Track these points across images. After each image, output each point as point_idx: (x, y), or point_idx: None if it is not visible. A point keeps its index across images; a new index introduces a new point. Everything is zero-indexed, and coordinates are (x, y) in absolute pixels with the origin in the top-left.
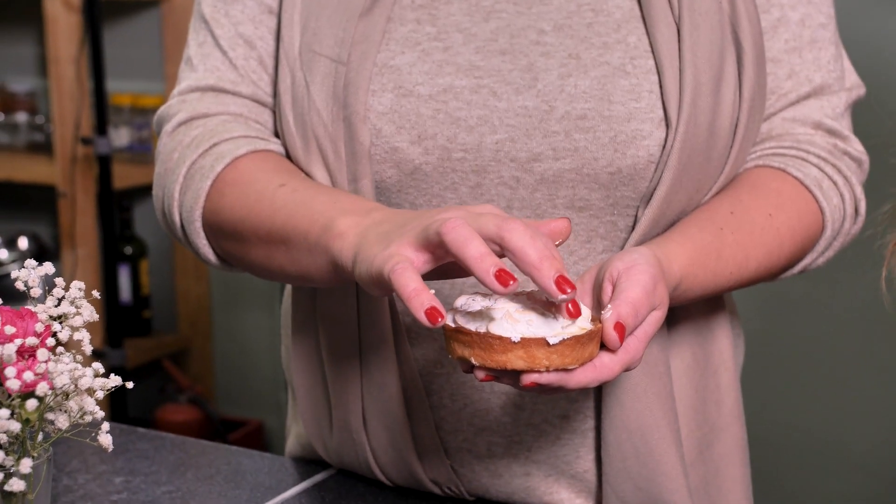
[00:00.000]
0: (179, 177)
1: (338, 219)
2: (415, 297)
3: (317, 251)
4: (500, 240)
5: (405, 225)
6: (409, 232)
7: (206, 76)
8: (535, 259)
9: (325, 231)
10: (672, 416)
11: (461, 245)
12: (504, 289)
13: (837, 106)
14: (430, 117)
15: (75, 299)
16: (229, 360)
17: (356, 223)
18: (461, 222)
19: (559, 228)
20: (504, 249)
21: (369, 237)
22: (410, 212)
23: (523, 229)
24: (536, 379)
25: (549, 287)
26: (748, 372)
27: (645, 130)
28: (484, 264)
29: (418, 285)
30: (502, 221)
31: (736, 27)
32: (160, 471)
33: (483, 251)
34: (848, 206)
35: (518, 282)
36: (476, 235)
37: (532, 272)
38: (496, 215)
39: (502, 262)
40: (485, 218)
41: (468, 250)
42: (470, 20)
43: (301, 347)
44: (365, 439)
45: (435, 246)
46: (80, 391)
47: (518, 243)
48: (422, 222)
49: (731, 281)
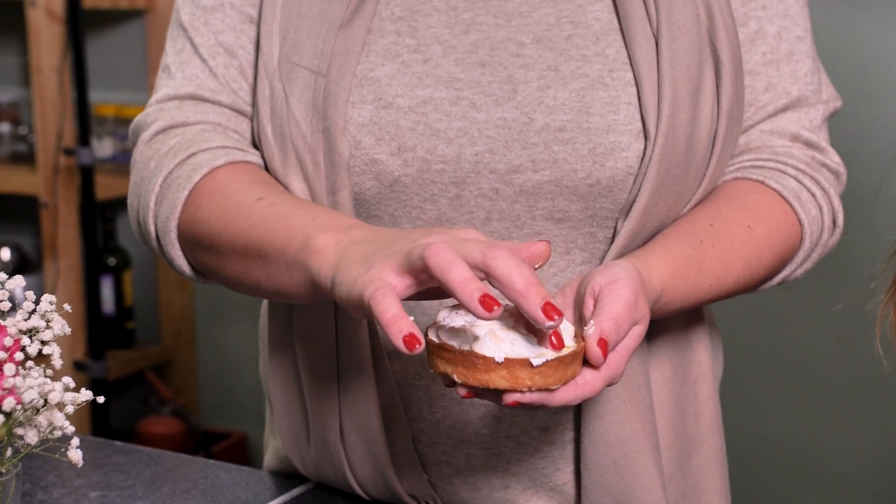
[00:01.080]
0: (156, 186)
1: (316, 235)
2: (393, 323)
3: (294, 267)
4: (486, 267)
5: (387, 247)
6: (392, 256)
7: (185, 84)
8: (521, 287)
9: (303, 247)
10: (651, 428)
11: (445, 269)
12: (489, 314)
13: (815, 118)
14: (409, 129)
15: (46, 313)
16: (213, 372)
17: (335, 240)
18: (445, 246)
19: (539, 252)
20: (490, 277)
21: (349, 257)
22: (390, 231)
23: (508, 256)
24: (519, 399)
25: (537, 314)
26: (727, 385)
27: (623, 142)
28: (468, 289)
29: (397, 312)
30: (487, 248)
31: (714, 40)
32: (136, 485)
33: (467, 276)
34: (826, 218)
35: (502, 307)
36: (460, 260)
37: (519, 299)
38: (480, 241)
39: (486, 286)
40: (469, 244)
41: (452, 275)
42: (450, 32)
43: (278, 363)
44: (342, 453)
45: (418, 270)
46: (50, 406)
47: (504, 271)
48: (404, 245)
49: (710, 293)
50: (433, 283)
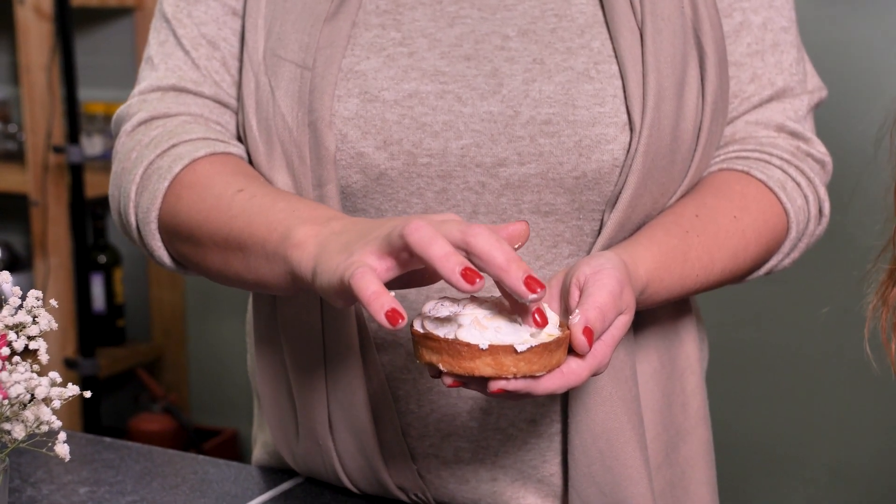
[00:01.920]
0: (136, 177)
1: (296, 228)
2: (374, 299)
3: (275, 260)
4: (466, 245)
5: (366, 234)
6: (372, 241)
7: (168, 75)
8: (502, 261)
9: (284, 240)
10: (637, 420)
11: (426, 245)
12: (471, 287)
13: (800, 108)
14: (395, 122)
15: (32, 308)
16: (203, 369)
17: (315, 232)
18: (424, 223)
19: (518, 232)
20: (470, 254)
21: (329, 247)
22: (370, 220)
23: (488, 233)
24: (504, 386)
25: (519, 288)
26: (715, 379)
27: (609, 135)
28: (449, 263)
29: (378, 288)
30: (466, 227)
31: (698, 32)
32: (125, 480)
33: (448, 250)
34: (812, 208)
35: (484, 279)
36: (440, 235)
37: (500, 274)
38: (458, 221)
39: (467, 260)
40: (448, 224)
41: (433, 249)
42: (435, 26)
43: (265, 356)
44: (332, 446)
45: (399, 250)
46: (36, 401)
47: (484, 247)
48: (384, 230)
49: (697, 283)
50: (414, 264)
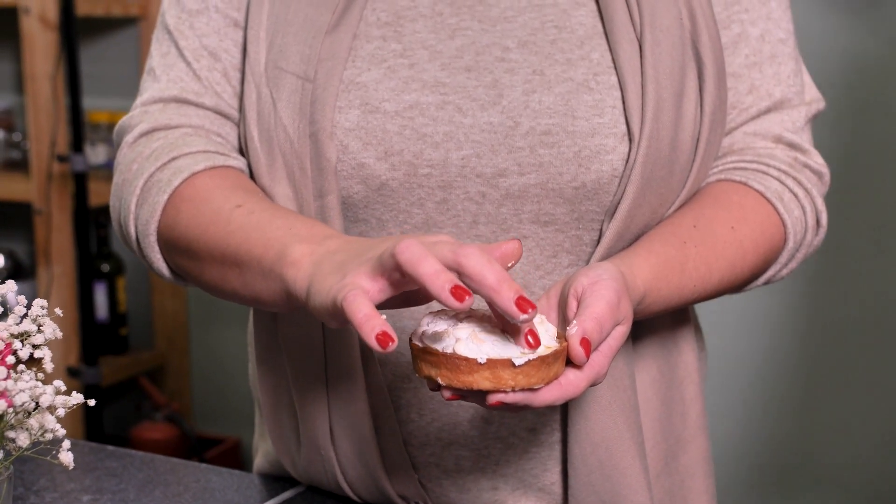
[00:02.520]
0: (136, 189)
1: (292, 246)
2: (365, 322)
3: (271, 277)
4: (457, 265)
5: (360, 255)
6: (365, 262)
7: (170, 87)
8: (493, 282)
9: (279, 259)
10: (636, 429)
11: (415, 263)
12: (460, 304)
13: (798, 120)
14: (396, 133)
15: (37, 317)
16: (206, 378)
17: (311, 251)
18: (414, 242)
19: (510, 251)
20: (462, 275)
21: (323, 268)
22: (365, 240)
23: (479, 254)
24: (502, 399)
25: (510, 309)
26: (713, 388)
27: (608, 145)
28: (439, 280)
29: (369, 311)
30: (458, 248)
31: (697, 43)
32: (128, 489)
33: (437, 268)
34: (809, 218)
35: (473, 297)
36: (430, 254)
37: (491, 295)
38: (451, 242)
39: (457, 278)
40: (439, 245)
41: (422, 268)
42: (435, 37)
43: (266, 366)
44: (333, 455)
45: (390, 270)
46: (41, 409)
47: (475, 267)
48: (376, 252)
49: (694, 294)
50: (407, 285)
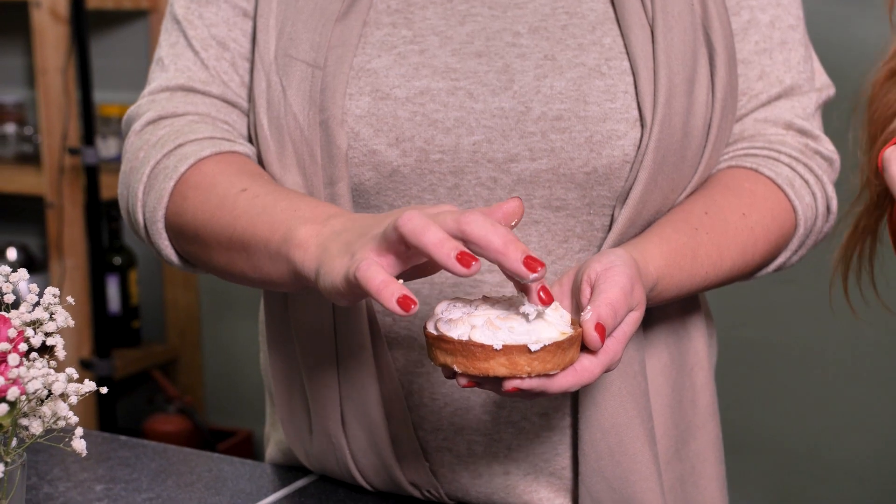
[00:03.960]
0: (143, 176)
1: (297, 228)
2: (384, 288)
3: (278, 260)
4: (461, 233)
5: (365, 233)
6: (370, 239)
7: (177, 76)
8: (499, 245)
9: (285, 241)
10: (646, 415)
11: (419, 233)
12: (467, 270)
13: (808, 106)
14: (407, 120)
15: (49, 305)
16: (218, 370)
17: (316, 232)
18: (416, 213)
19: (512, 209)
20: (467, 242)
21: (331, 249)
22: (369, 216)
23: (483, 219)
24: (518, 385)
25: (519, 268)
26: (725, 376)
27: (620, 131)
28: (444, 248)
29: (385, 277)
30: (460, 215)
31: (708, 29)
32: (141, 478)
33: (441, 236)
34: (820, 205)
35: (480, 262)
36: (433, 223)
37: (499, 258)
38: (453, 210)
39: (462, 245)
40: (443, 215)
41: (426, 237)
42: (445, 23)
43: (277, 355)
44: (345, 443)
45: (396, 243)
46: (54, 397)
47: (480, 232)
48: (380, 227)
49: (706, 281)
50: (414, 258)
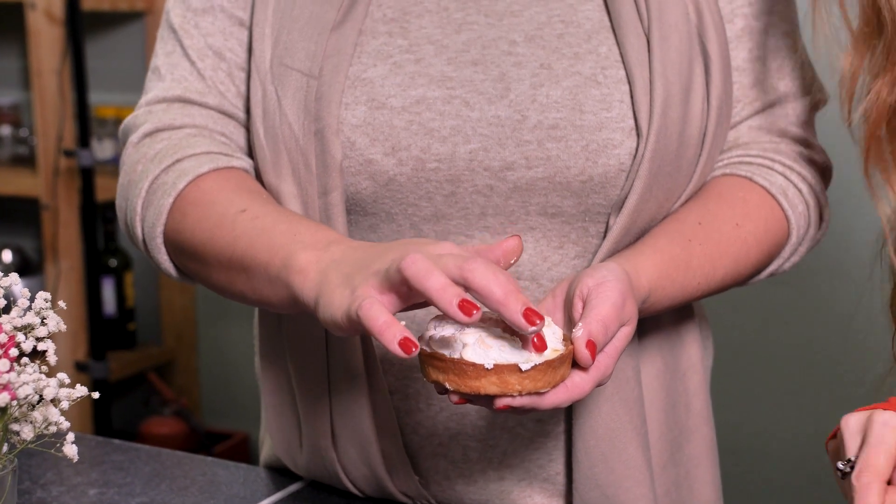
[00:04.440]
0: (142, 191)
1: (297, 254)
2: (386, 329)
3: (277, 284)
4: (464, 280)
5: (366, 266)
6: (372, 276)
7: (174, 86)
8: (500, 296)
9: (285, 266)
10: (640, 421)
11: (422, 278)
12: (468, 318)
13: (802, 113)
14: (403, 129)
15: (41, 310)
16: (214, 373)
17: (316, 258)
18: (420, 256)
19: (511, 248)
20: (469, 289)
21: (331, 278)
22: (369, 247)
23: (485, 268)
24: (509, 403)
25: (519, 321)
26: (719, 379)
27: (616, 139)
28: (447, 295)
29: (388, 318)
30: (463, 262)
31: (703, 38)
32: (135, 482)
33: (444, 282)
34: (813, 213)
35: (481, 310)
36: (436, 268)
37: (499, 308)
38: (456, 256)
39: (464, 291)
40: (445, 259)
41: (429, 282)
42: (441, 32)
43: (270, 367)
44: (335, 457)
45: (398, 284)
46: (45, 402)
47: (482, 282)
48: (382, 264)
49: (699, 291)
50: (415, 298)
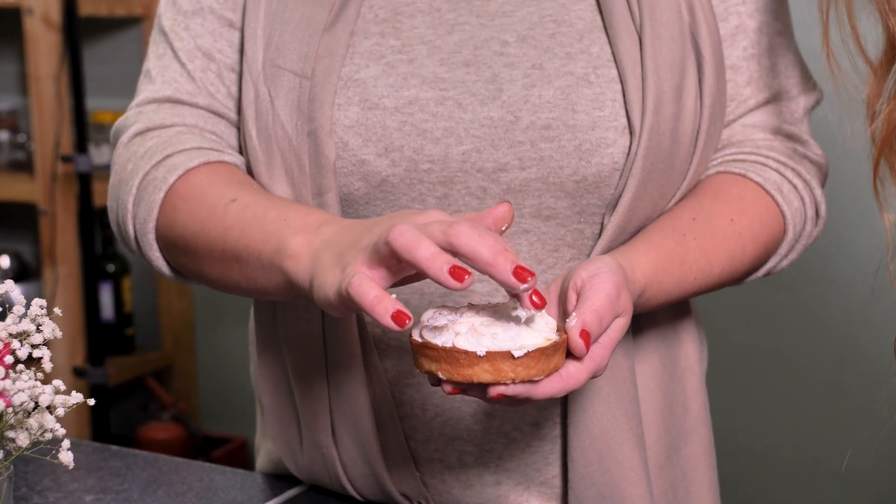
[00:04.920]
0: (132, 188)
1: (289, 238)
2: (377, 304)
3: (271, 270)
4: (450, 245)
5: (355, 244)
6: (361, 251)
7: (164, 88)
8: (488, 256)
9: (278, 252)
10: (636, 422)
11: (411, 248)
12: (460, 284)
13: (796, 111)
14: (396, 129)
15: (37, 317)
16: (213, 377)
17: (307, 241)
18: (407, 227)
19: (502, 214)
20: (456, 254)
21: (323, 259)
22: (359, 224)
23: (470, 230)
24: (503, 391)
25: (509, 279)
26: (716, 382)
27: (609, 139)
28: (437, 263)
29: (378, 293)
30: (448, 227)
31: (696, 36)
32: (132, 488)
33: (433, 251)
34: (808, 210)
35: (473, 276)
36: (424, 237)
37: (488, 269)
38: (441, 221)
39: (454, 258)
40: (431, 227)
41: (418, 252)
42: (434, 33)
43: (267, 365)
44: (335, 454)
45: (387, 257)
46: (40, 408)
47: (468, 244)
48: (371, 238)
49: (695, 286)
50: (405, 270)
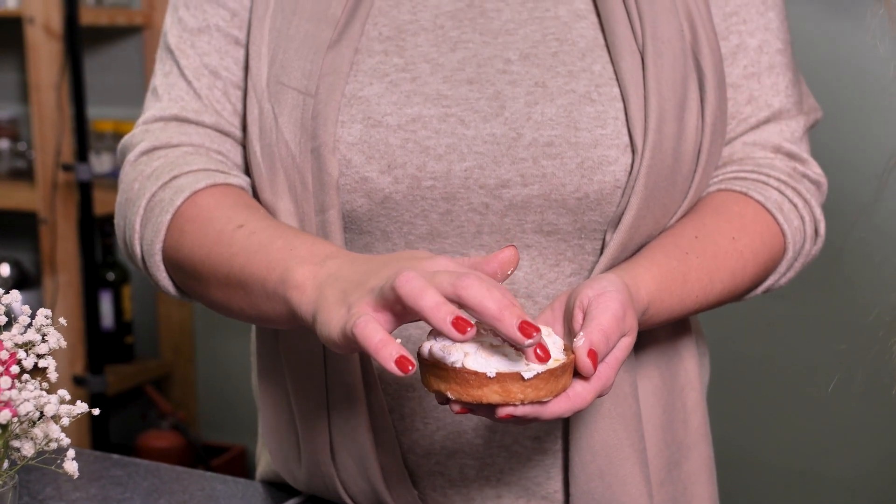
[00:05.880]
0: (140, 209)
1: (294, 269)
2: (382, 348)
3: (275, 299)
4: (458, 297)
5: (362, 284)
6: (367, 293)
7: (170, 106)
8: (495, 311)
9: (282, 282)
10: (637, 437)
11: (416, 297)
12: (462, 336)
13: (796, 130)
14: (399, 147)
15: (42, 326)
16: (212, 386)
17: (313, 274)
18: (414, 274)
19: (507, 259)
20: (463, 306)
21: (327, 295)
22: (365, 261)
23: (478, 283)
24: (512, 412)
25: (515, 335)
26: (717, 394)
27: (611, 156)
28: (440, 313)
29: (384, 336)
30: (457, 279)
31: (697, 54)
32: (133, 497)
33: (438, 300)
34: (808, 228)
35: (475, 327)
36: (430, 286)
37: (495, 324)
38: (450, 273)
39: (458, 309)
40: (439, 276)
41: (423, 301)
42: (437, 51)
43: (268, 382)
44: (333, 472)
45: (393, 302)
46: (45, 418)
47: (476, 298)
48: (377, 282)
49: (697, 304)
50: (409, 315)
